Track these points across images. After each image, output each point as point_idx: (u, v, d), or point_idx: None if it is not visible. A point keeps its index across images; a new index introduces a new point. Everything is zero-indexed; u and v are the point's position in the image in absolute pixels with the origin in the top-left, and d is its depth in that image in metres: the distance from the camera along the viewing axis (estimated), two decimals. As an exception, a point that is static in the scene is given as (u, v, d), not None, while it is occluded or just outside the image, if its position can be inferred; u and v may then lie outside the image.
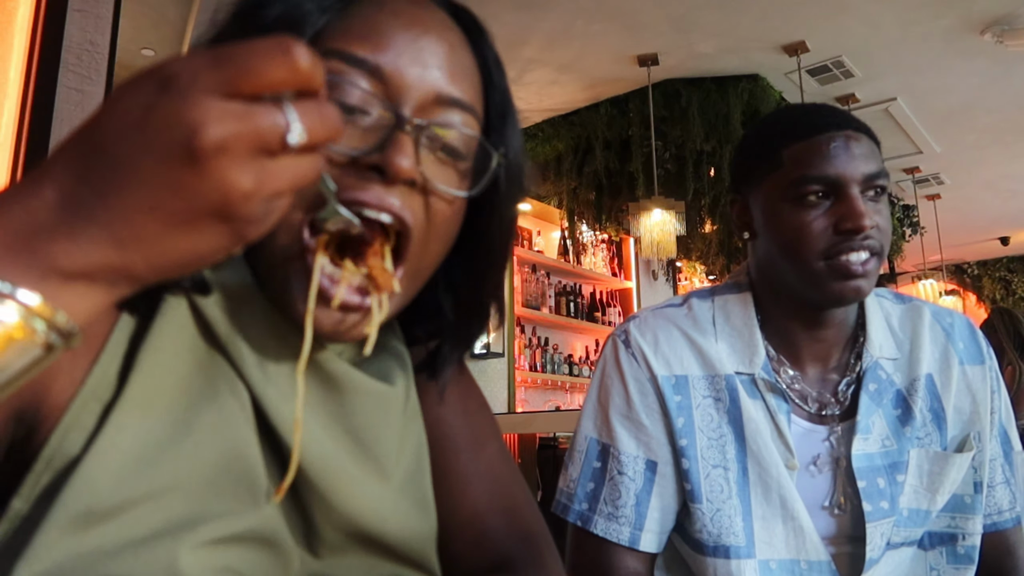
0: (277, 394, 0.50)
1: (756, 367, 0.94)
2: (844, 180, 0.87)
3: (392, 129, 0.48)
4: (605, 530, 0.93)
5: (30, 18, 1.88)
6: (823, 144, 0.88)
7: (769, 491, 0.90)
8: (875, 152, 0.90)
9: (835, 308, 0.92)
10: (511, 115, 0.58)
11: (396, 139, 0.47)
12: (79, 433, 0.45)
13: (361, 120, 0.48)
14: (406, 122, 0.48)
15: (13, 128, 1.83)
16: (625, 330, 1.00)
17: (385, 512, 0.54)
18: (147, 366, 0.47)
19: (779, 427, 0.92)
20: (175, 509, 0.45)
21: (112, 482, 0.43)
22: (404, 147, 0.47)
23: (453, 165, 0.53)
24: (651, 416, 0.94)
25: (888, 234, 0.90)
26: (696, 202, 4.50)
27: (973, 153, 5.32)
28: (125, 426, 0.45)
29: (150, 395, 0.46)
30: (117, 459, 0.44)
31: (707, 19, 3.65)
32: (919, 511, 0.92)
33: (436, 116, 0.51)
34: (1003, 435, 0.99)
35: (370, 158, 0.47)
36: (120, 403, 0.45)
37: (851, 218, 0.86)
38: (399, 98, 0.49)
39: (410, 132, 0.48)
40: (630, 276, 5.88)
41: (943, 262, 7.52)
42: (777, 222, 0.91)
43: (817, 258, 0.88)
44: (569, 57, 3.97)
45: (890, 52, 3.95)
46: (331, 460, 0.52)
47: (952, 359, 0.97)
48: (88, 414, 0.45)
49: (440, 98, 0.50)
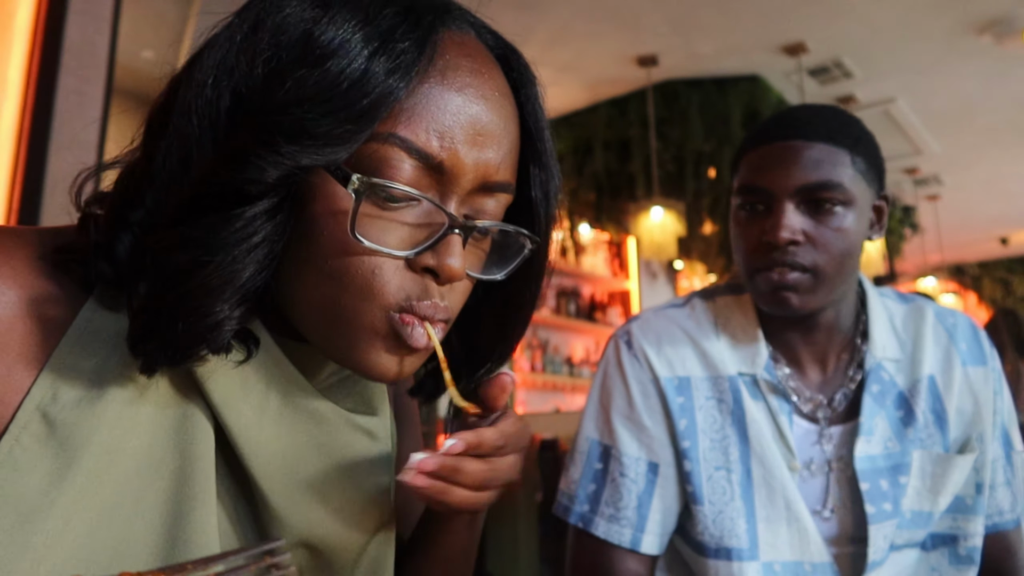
0: (260, 436, 0.50)
1: (758, 367, 0.94)
2: (773, 191, 0.87)
3: (446, 231, 0.47)
4: (606, 532, 0.93)
5: (30, 19, 1.88)
6: (765, 154, 0.89)
7: (773, 493, 0.90)
8: (832, 160, 0.86)
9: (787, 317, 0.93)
10: (549, 173, 0.56)
11: (448, 241, 0.48)
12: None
13: (406, 211, 0.47)
14: (458, 223, 0.48)
15: (13, 129, 1.83)
16: (628, 331, 1.00)
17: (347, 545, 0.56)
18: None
19: (780, 428, 0.91)
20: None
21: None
22: (455, 248, 0.48)
23: (480, 244, 0.53)
24: (653, 418, 0.94)
25: (835, 251, 0.86)
26: (696, 202, 4.50)
27: (973, 153, 5.32)
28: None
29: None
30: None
31: (707, 20, 3.65)
32: (921, 513, 0.91)
33: (479, 201, 0.50)
34: (1005, 436, 0.99)
35: (426, 261, 0.48)
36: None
37: (769, 230, 0.86)
38: (450, 190, 0.48)
39: (460, 233, 0.48)
40: (630, 277, 5.87)
41: (943, 262, 7.52)
42: (731, 228, 0.94)
43: (748, 270, 0.90)
44: (569, 58, 3.97)
45: (890, 52, 3.95)
46: (303, 498, 0.53)
47: (954, 360, 0.97)
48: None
49: (487, 185, 0.50)
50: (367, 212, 0.46)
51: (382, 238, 0.46)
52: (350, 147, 0.44)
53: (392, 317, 0.48)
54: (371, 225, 0.46)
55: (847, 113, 0.93)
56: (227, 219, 0.43)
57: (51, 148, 1.85)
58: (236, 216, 0.43)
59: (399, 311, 0.48)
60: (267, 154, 0.43)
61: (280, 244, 0.46)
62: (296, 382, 0.52)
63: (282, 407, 0.52)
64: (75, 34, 1.92)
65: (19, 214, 1.80)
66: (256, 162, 0.42)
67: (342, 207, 0.45)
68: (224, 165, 0.43)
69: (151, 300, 0.44)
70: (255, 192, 0.43)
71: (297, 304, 0.49)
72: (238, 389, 0.49)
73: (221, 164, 0.43)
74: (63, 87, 1.89)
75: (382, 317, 0.47)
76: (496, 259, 0.54)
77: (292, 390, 0.52)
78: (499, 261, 0.54)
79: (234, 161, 0.43)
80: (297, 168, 0.43)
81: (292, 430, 0.52)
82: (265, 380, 0.51)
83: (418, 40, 0.46)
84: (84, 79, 1.93)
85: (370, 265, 0.46)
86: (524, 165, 0.54)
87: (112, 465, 0.45)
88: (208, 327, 0.44)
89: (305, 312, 0.49)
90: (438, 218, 0.48)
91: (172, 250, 0.43)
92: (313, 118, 0.43)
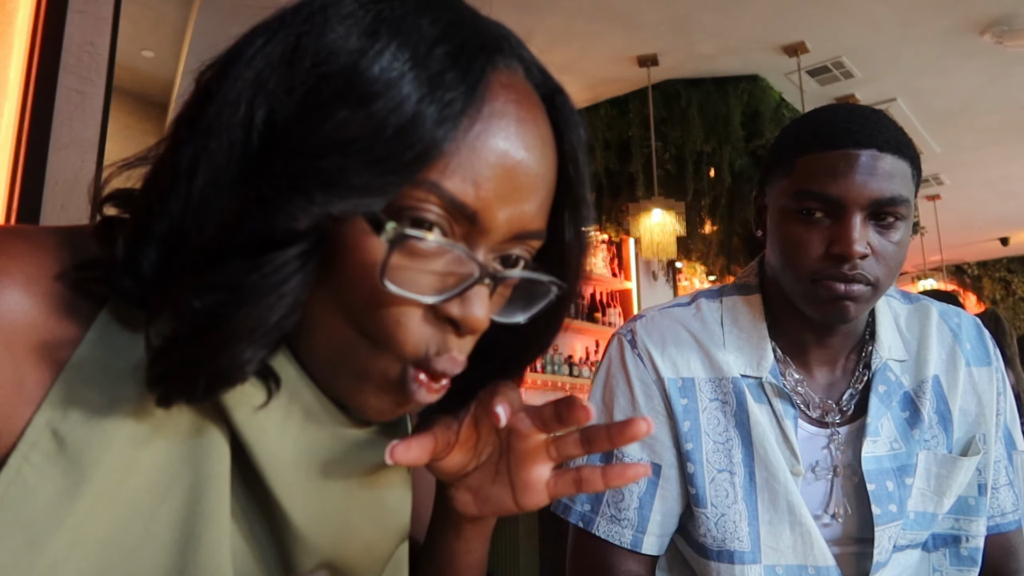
0: (281, 454, 0.49)
1: (764, 371, 0.93)
2: (846, 202, 0.83)
3: (475, 281, 0.45)
4: (607, 532, 0.93)
5: (30, 19, 1.88)
6: (836, 161, 0.83)
7: (776, 496, 0.89)
8: (901, 173, 0.84)
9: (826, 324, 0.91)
10: (581, 217, 0.53)
11: (476, 291, 0.46)
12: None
13: (436, 259, 0.45)
14: (487, 273, 0.46)
15: (13, 128, 1.83)
16: (631, 330, 0.98)
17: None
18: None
19: (785, 432, 0.91)
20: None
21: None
22: (482, 299, 0.46)
23: (508, 285, 0.50)
24: (656, 419, 0.94)
25: (893, 264, 0.85)
26: (696, 203, 4.50)
27: (973, 153, 5.32)
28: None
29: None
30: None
31: (707, 20, 3.65)
32: (925, 514, 0.91)
33: (509, 248, 0.48)
34: (1007, 437, 0.99)
35: (450, 311, 0.46)
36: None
37: (841, 243, 0.82)
38: (481, 240, 0.46)
39: (488, 284, 0.46)
40: (630, 277, 5.87)
41: (943, 262, 7.52)
42: (779, 229, 0.89)
43: (806, 276, 0.86)
44: (569, 58, 3.97)
45: (890, 52, 3.95)
46: (325, 514, 0.51)
47: (959, 360, 0.96)
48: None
49: (520, 235, 0.48)
50: (397, 260, 0.44)
51: (410, 285, 0.44)
52: (388, 198, 0.42)
53: (408, 371, 0.46)
54: (400, 273, 0.44)
55: (894, 120, 0.89)
56: (257, 265, 0.41)
57: (51, 148, 1.85)
58: (266, 263, 0.41)
59: (415, 365, 0.46)
60: (300, 200, 0.40)
61: (308, 290, 0.44)
62: (318, 399, 0.50)
63: (305, 423, 0.50)
64: (75, 34, 1.92)
65: (19, 214, 1.80)
66: (288, 208, 0.40)
67: (373, 255, 0.43)
68: (254, 208, 0.41)
69: (174, 343, 0.42)
70: (283, 239, 0.41)
71: (308, 342, 0.48)
72: (258, 404, 0.48)
73: (251, 206, 0.41)
74: (63, 87, 1.89)
75: (397, 368, 0.46)
76: (520, 302, 0.51)
77: (314, 406, 0.50)
78: (522, 304, 0.51)
79: (264, 205, 0.40)
80: (330, 217, 0.41)
81: (314, 446, 0.50)
82: (287, 395, 0.49)
83: (469, 87, 0.43)
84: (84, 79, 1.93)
85: (395, 315, 0.45)
86: (559, 207, 0.52)
87: (123, 484, 0.44)
88: (232, 369, 0.42)
89: (315, 351, 0.48)
90: (467, 267, 0.46)
91: (198, 295, 0.41)
92: (353, 166, 0.40)
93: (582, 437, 0.51)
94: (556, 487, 0.52)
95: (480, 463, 0.53)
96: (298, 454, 0.49)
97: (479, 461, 0.53)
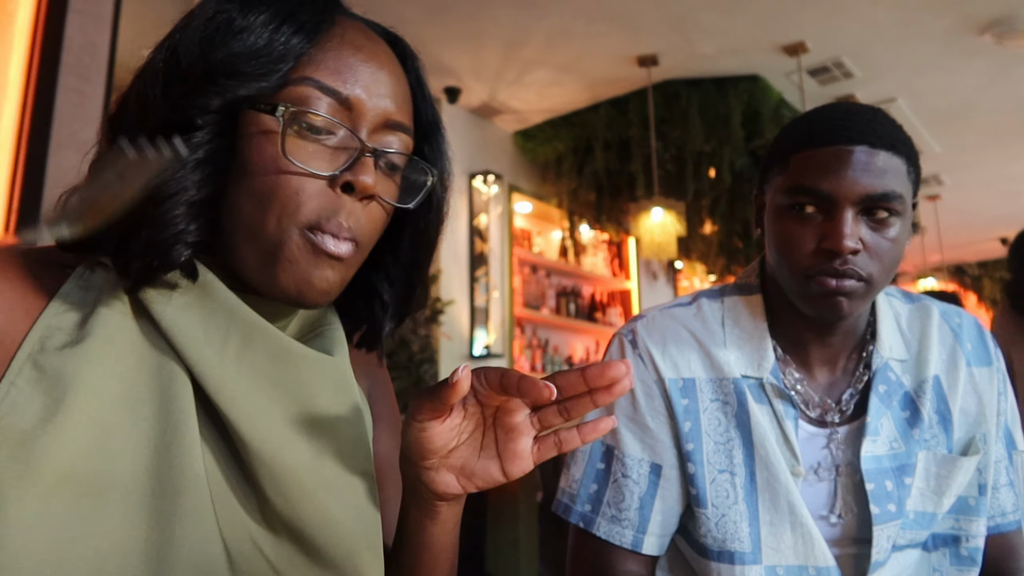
0: (223, 375, 0.56)
1: (765, 372, 0.93)
2: (837, 198, 0.83)
3: (359, 153, 0.59)
4: (608, 532, 0.93)
5: (30, 19, 1.88)
6: (828, 157, 0.84)
7: (777, 497, 0.89)
8: (895, 169, 0.84)
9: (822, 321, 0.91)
10: (438, 130, 0.70)
11: (363, 162, 0.58)
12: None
13: (327, 140, 0.58)
14: (369, 148, 0.59)
15: (13, 128, 1.83)
16: (632, 330, 0.98)
17: (329, 502, 0.59)
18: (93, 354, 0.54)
19: (785, 433, 0.91)
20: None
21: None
22: (368, 168, 0.58)
23: (392, 178, 0.63)
24: (657, 419, 0.94)
25: (887, 261, 0.86)
26: (696, 203, 4.50)
27: (973, 153, 5.32)
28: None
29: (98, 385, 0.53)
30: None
31: (707, 20, 3.65)
32: (925, 514, 0.91)
33: (384, 137, 0.61)
34: (1008, 437, 0.99)
35: (344, 179, 0.58)
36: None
37: (831, 238, 0.83)
38: (359, 123, 0.59)
39: (370, 155, 0.59)
40: (630, 277, 5.87)
41: (943, 262, 7.52)
42: (774, 225, 0.90)
43: (799, 272, 0.86)
44: (569, 58, 3.97)
45: (890, 52, 3.95)
46: (280, 435, 0.58)
47: (960, 360, 0.96)
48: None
49: (389, 123, 0.61)
50: (293, 140, 0.56)
51: (306, 161, 0.56)
52: (271, 79, 0.56)
53: (306, 234, 0.57)
54: (297, 150, 0.56)
55: (892, 118, 0.89)
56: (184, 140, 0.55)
57: (51, 148, 1.85)
58: (187, 139, 0.54)
59: (310, 229, 0.57)
60: (210, 87, 0.55)
61: (220, 164, 0.56)
62: (256, 325, 0.58)
63: (242, 348, 0.57)
64: (75, 34, 1.92)
65: (19, 213, 1.80)
66: (201, 95, 0.55)
67: (272, 134, 0.56)
68: (176, 99, 0.55)
69: (127, 229, 0.54)
70: (201, 121, 0.55)
71: (232, 238, 0.58)
72: (200, 334, 0.56)
73: (174, 98, 0.55)
74: (63, 87, 1.89)
75: (298, 236, 0.57)
76: (407, 193, 0.65)
77: (251, 332, 0.58)
78: (410, 193, 0.65)
79: (184, 96, 0.55)
80: (235, 99, 0.55)
81: (254, 368, 0.58)
82: (225, 324, 0.57)
83: (316, 15, 0.59)
84: (84, 79, 1.93)
85: (295, 185, 0.56)
86: (420, 129, 0.67)
87: (96, 403, 0.52)
88: (168, 238, 0.54)
89: (237, 244, 0.58)
90: (352, 144, 0.59)
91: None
92: (243, 61, 0.56)
93: (560, 408, 0.56)
94: (540, 452, 0.57)
95: (461, 442, 0.57)
96: (238, 375, 0.57)
97: (460, 440, 0.57)
